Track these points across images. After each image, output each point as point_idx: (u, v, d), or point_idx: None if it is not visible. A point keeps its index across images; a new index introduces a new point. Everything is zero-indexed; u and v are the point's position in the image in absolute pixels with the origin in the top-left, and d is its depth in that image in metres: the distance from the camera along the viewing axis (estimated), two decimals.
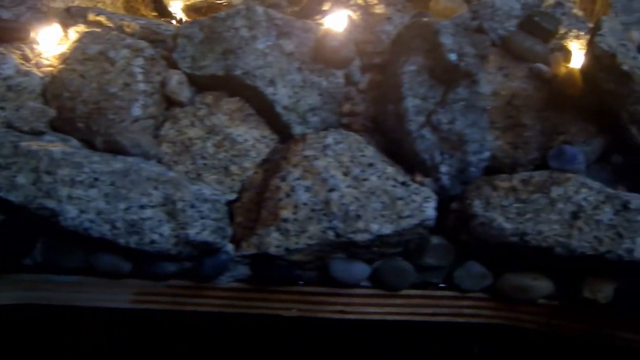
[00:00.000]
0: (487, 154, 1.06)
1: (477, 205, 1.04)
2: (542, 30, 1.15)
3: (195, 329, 1.15)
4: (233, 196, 1.10)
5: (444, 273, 1.08)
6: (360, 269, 1.06)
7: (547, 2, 1.20)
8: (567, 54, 1.14)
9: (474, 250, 1.06)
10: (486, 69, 1.13)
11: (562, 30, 1.17)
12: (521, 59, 1.14)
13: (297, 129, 1.11)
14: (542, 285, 1.06)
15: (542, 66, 1.13)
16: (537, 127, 1.10)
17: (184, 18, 1.44)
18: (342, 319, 1.08)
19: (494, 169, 1.08)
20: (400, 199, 1.03)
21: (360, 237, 1.02)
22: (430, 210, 1.02)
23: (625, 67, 1.03)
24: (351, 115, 1.12)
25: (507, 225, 1.02)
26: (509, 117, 1.10)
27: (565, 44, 1.16)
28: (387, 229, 1.02)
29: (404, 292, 1.08)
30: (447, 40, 1.05)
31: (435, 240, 1.07)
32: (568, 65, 1.13)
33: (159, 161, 1.10)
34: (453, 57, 1.04)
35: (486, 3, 1.17)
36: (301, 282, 1.08)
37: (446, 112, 1.04)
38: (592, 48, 1.04)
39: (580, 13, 1.21)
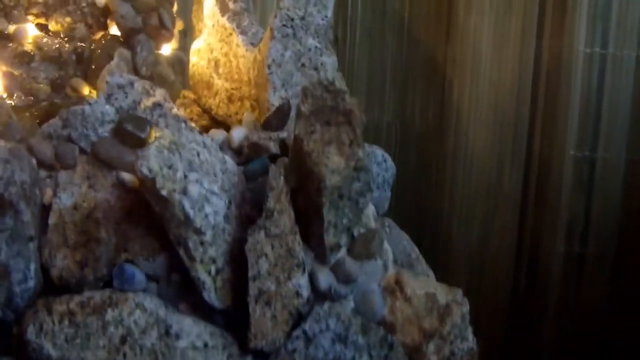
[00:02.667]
0: (31, 283, 1.07)
1: (31, 331, 1.06)
2: (132, 136, 1.15)
3: None
4: None
5: None
6: None
7: (145, 104, 1.19)
8: None
9: None
10: (72, 180, 1.14)
11: (157, 134, 1.16)
12: (110, 167, 1.15)
13: None
14: None
15: (125, 175, 1.13)
16: (112, 241, 1.11)
17: None
18: None
19: (62, 289, 1.10)
20: None
21: None
22: None
23: (164, 192, 1.04)
24: None
25: (54, 353, 1.05)
26: (83, 233, 1.11)
27: None
28: None
29: None
30: None
31: None
32: None
33: None
34: None
35: (76, 111, 1.16)
36: None
37: None
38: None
39: (180, 113, 1.20)
